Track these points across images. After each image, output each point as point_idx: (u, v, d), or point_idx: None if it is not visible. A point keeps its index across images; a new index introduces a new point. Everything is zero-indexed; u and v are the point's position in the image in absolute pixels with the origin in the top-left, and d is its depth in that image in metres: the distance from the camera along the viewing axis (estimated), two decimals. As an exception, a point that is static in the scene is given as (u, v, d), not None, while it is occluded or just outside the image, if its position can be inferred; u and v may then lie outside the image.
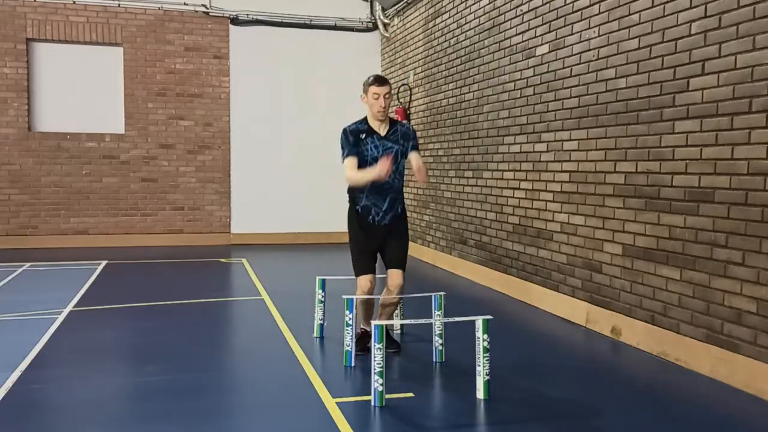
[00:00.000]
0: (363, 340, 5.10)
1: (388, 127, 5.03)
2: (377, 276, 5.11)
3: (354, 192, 5.08)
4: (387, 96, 4.94)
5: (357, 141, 4.92)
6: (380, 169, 4.64)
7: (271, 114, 11.93)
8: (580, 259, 6.21)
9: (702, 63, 4.76)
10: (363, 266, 5.04)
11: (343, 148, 4.94)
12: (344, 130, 4.97)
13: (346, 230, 5.12)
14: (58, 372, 4.72)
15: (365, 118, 5.03)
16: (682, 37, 4.93)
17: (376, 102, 4.92)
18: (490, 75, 7.98)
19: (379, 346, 4.05)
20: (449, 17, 9.21)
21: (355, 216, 5.08)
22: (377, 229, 5.03)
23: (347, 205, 5.15)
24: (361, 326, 5.22)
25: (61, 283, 8.01)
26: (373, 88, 4.91)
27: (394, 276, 5.04)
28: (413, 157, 5.05)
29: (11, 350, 5.13)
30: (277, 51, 11.89)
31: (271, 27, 11.86)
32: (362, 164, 4.89)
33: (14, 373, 4.58)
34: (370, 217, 5.01)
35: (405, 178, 5.28)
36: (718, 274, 4.63)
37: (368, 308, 5.19)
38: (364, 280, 5.00)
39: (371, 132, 4.98)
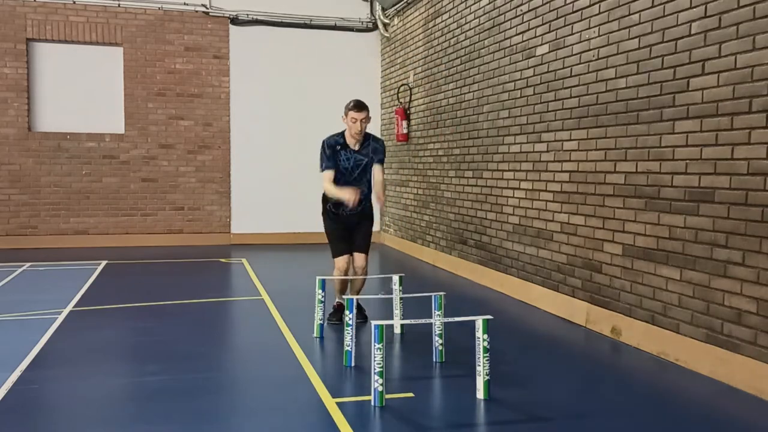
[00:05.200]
0: (338, 313, 6.03)
1: (361, 142, 5.81)
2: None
3: (326, 197, 5.99)
4: (364, 120, 5.67)
5: (333, 154, 5.73)
6: (349, 198, 5.47)
7: (271, 114, 11.93)
8: (580, 259, 6.21)
9: (702, 63, 4.76)
10: (340, 249, 5.94)
11: (321, 160, 5.78)
12: (323, 144, 5.80)
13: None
14: (58, 372, 4.72)
15: (342, 133, 5.81)
16: (682, 37, 4.94)
17: (354, 125, 5.67)
18: (490, 75, 7.98)
19: (379, 346, 4.05)
20: (449, 17, 9.22)
21: (328, 211, 5.99)
22: (347, 218, 5.92)
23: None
24: (337, 300, 6.11)
25: (61, 283, 8.01)
26: (352, 114, 5.66)
27: (358, 258, 5.95)
28: (376, 170, 5.82)
29: (11, 350, 5.13)
30: (277, 51, 11.89)
31: (271, 27, 11.87)
32: (336, 172, 5.75)
33: (14, 373, 4.59)
34: (342, 209, 5.84)
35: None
36: (718, 274, 4.63)
37: (343, 284, 6.05)
38: (342, 261, 5.90)
39: (346, 146, 5.76)
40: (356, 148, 5.80)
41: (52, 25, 11.01)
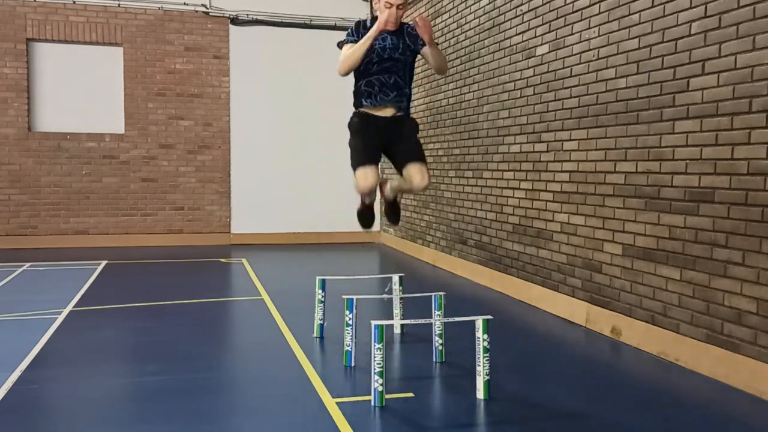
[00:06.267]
0: (366, 214, 5.03)
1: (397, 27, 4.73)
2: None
3: (357, 79, 4.84)
4: (401, 6, 4.53)
5: (365, 32, 4.67)
6: (384, 17, 4.40)
7: (271, 114, 11.93)
8: (580, 259, 6.21)
9: (702, 63, 4.76)
10: (365, 158, 4.61)
11: (348, 36, 4.73)
12: (358, 23, 4.76)
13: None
14: (58, 372, 4.72)
15: (376, 18, 4.74)
16: (682, 37, 4.94)
17: (390, 12, 4.54)
18: (490, 75, 7.98)
19: (379, 346, 4.05)
20: (449, 17, 9.22)
21: (357, 115, 4.82)
22: (382, 120, 4.73)
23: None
24: (366, 199, 4.98)
25: (61, 283, 8.01)
26: None
27: (416, 173, 4.63)
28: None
29: (11, 350, 5.13)
30: (277, 51, 11.89)
31: (271, 27, 11.86)
32: (368, 55, 4.65)
33: (14, 373, 4.59)
34: (375, 98, 4.70)
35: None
36: (718, 274, 4.63)
37: (371, 207, 4.95)
38: (367, 175, 4.55)
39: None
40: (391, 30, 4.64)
41: (52, 25, 11.01)
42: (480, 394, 4.19)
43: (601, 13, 5.87)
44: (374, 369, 4.04)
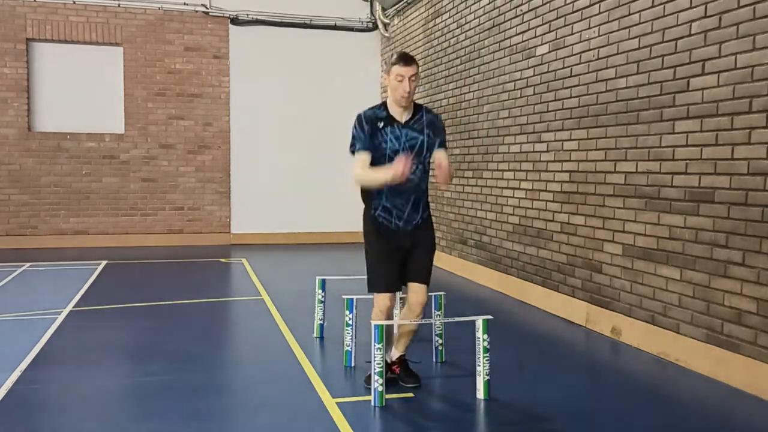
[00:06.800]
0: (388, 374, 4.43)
1: (411, 113, 4.28)
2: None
3: (369, 194, 4.31)
4: (413, 78, 4.16)
5: (374, 131, 4.18)
6: (397, 169, 3.85)
7: (271, 114, 11.93)
8: (580, 259, 6.21)
9: (702, 63, 4.76)
10: (386, 280, 4.28)
11: (354, 139, 4.20)
12: (359, 117, 4.20)
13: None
14: (58, 372, 4.72)
15: (384, 104, 4.30)
16: (682, 37, 4.94)
17: (400, 85, 4.14)
18: (490, 75, 7.98)
19: (379, 346, 4.05)
20: (449, 17, 9.22)
21: (372, 221, 4.32)
22: (399, 235, 4.29)
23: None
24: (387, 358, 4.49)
25: (61, 283, 8.01)
26: (397, 69, 4.14)
27: (417, 292, 4.32)
28: (439, 155, 4.24)
29: (11, 350, 5.13)
30: (277, 51, 11.89)
31: (271, 27, 11.87)
32: (379, 160, 4.17)
33: (14, 373, 4.59)
34: (391, 222, 4.27)
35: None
36: (718, 274, 4.63)
37: (388, 336, 4.47)
38: (386, 299, 4.28)
39: (391, 120, 4.22)
40: (404, 120, 4.23)
41: (52, 25, 11.01)
42: (480, 394, 4.19)
43: (601, 13, 5.87)
44: (374, 369, 4.04)
